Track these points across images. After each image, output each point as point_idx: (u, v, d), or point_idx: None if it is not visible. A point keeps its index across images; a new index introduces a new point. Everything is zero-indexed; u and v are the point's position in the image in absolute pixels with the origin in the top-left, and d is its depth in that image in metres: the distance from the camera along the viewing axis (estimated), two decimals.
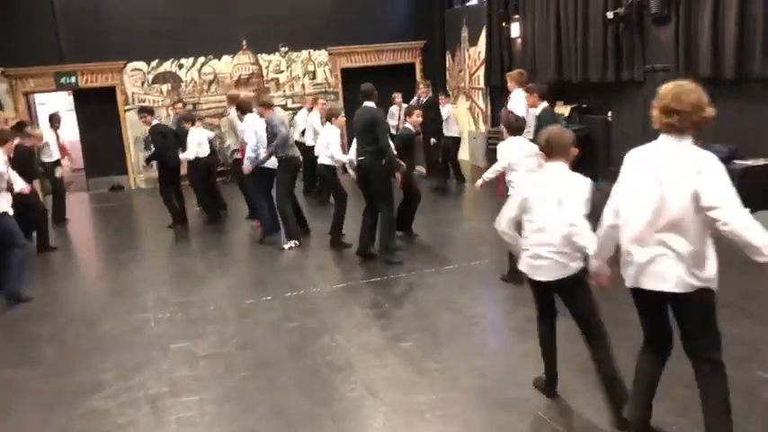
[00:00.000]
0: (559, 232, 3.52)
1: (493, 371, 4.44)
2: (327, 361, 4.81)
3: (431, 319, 5.44)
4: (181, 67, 13.93)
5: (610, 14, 8.99)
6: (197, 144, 9.46)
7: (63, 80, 13.33)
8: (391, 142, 7.24)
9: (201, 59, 13.98)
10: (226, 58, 14.05)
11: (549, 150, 3.63)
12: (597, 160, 9.68)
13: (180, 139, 9.66)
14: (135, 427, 4.10)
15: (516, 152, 5.74)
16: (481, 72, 13.12)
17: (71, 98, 14.36)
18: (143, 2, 13.41)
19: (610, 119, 9.83)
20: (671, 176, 2.94)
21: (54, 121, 11.03)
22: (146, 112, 9.64)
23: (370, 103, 7.05)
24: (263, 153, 7.98)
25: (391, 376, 4.49)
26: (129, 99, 13.72)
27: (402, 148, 7.59)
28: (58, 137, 10.93)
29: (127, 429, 4.09)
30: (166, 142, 9.46)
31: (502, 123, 6.12)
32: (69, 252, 9.17)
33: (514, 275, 5.72)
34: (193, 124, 9.61)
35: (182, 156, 9.52)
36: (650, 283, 3.06)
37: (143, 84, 13.80)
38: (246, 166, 8.17)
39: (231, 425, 4.07)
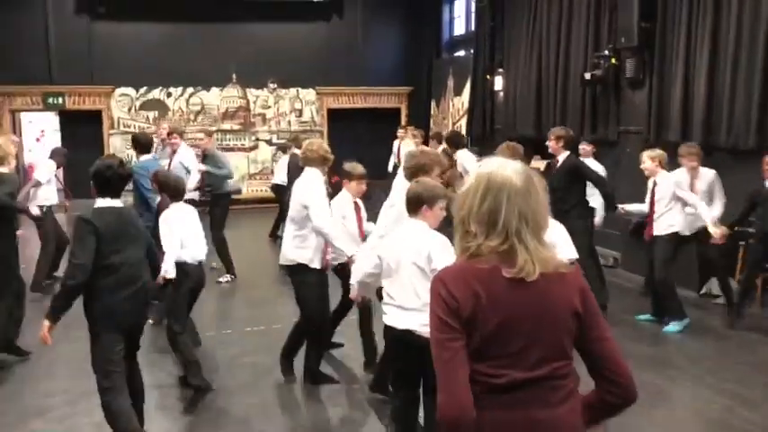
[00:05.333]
0: None
1: None
2: (278, 398, 4.81)
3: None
4: (169, 95, 14.10)
5: (587, 75, 9.26)
6: None
7: (50, 100, 13.44)
8: None
9: (190, 90, 14.17)
10: (214, 89, 14.24)
11: None
12: None
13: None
14: None
15: None
16: (464, 122, 13.38)
17: (57, 120, 14.48)
18: (135, 29, 13.63)
19: None
20: None
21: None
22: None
23: None
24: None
25: (342, 416, 4.50)
26: (114, 123, 13.83)
27: None
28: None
29: None
30: None
31: None
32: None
33: None
34: None
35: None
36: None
37: (130, 109, 13.92)
38: None
39: None
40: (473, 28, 13.24)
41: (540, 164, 10.54)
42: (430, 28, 15.01)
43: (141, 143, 7.13)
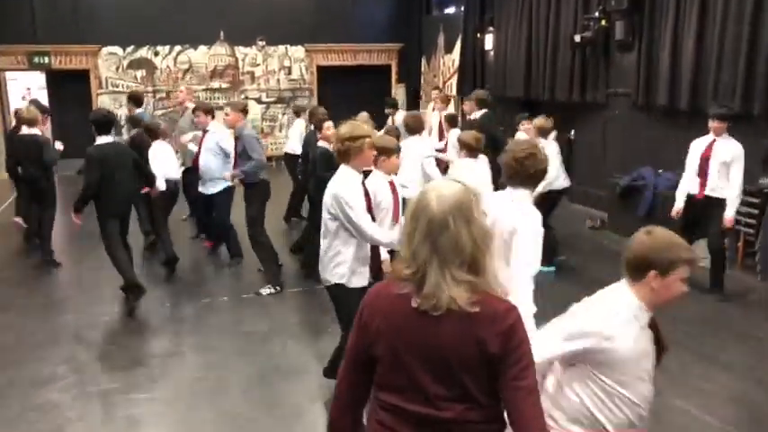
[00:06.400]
0: None
1: None
2: (275, 366, 5.00)
3: None
4: (156, 54, 13.94)
5: (577, 38, 9.28)
6: None
7: (36, 60, 13.26)
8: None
9: (178, 48, 14.01)
10: (202, 48, 14.09)
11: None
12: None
13: None
14: (84, 422, 4.27)
15: None
16: (454, 80, 13.37)
17: (43, 77, 14.34)
18: None
19: (572, 138, 10.14)
20: None
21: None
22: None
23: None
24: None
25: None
26: (102, 83, 13.71)
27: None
28: None
29: (75, 424, 4.25)
30: None
31: None
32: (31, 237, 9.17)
33: None
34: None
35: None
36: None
37: (118, 69, 13.79)
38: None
39: (177, 424, 4.26)
40: None
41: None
42: None
43: (136, 98, 9.30)
